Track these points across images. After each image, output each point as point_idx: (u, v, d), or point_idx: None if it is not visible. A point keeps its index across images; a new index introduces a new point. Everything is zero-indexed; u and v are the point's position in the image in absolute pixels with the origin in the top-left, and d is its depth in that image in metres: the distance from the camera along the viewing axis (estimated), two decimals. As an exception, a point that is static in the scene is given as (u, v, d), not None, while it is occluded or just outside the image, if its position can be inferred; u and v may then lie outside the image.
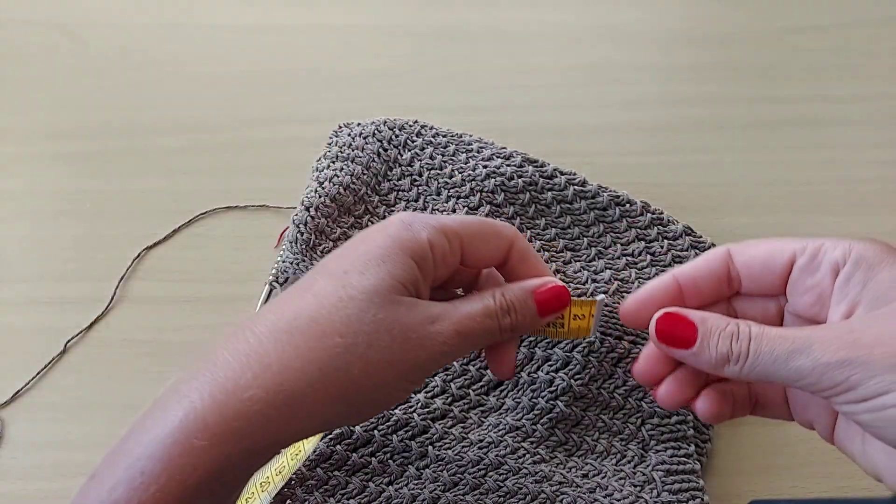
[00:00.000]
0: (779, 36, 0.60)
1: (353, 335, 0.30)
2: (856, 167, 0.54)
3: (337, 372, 0.30)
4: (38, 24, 0.62)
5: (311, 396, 0.30)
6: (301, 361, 0.30)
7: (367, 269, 0.32)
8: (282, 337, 0.30)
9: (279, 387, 0.29)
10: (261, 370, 0.29)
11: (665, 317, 0.31)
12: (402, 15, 0.62)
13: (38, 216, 0.53)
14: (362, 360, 0.30)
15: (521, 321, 0.34)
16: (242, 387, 0.29)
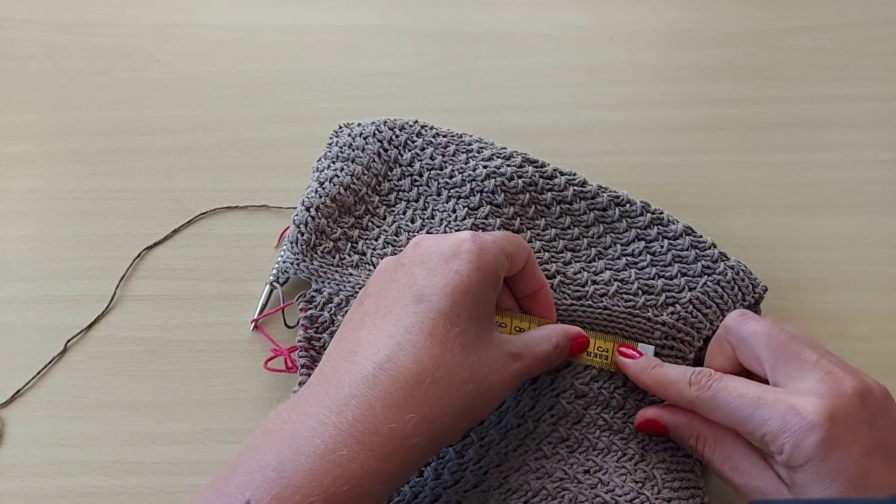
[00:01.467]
0: (779, 36, 0.60)
1: (478, 380, 0.36)
2: (856, 167, 0.54)
3: (470, 408, 0.36)
4: (37, 23, 0.62)
5: (453, 430, 0.36)
6: (449, 407, 0.35)
7: (471, 312, 0.37)
8: (429, 386, 0.34)
9: (431, 433, 0.34)
10: (419, 421, 0.34)
11: (646, 421, 0.43)
12: (403, 15, 0.62)
13: (38, 216, 0.53)
14: (484, 397, 0.36)
15: (559, 360, 0.42)
16: (407, 436, 0.33)
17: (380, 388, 0.34)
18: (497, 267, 0.38)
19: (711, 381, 0.39)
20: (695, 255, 0.47)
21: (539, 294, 0.43)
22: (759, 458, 0.38)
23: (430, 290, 0.37)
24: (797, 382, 0.37)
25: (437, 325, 0.36)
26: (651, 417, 0.42)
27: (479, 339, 0.37)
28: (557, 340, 0.41)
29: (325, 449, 0.32)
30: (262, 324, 0.48)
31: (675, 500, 0.40)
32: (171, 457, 0.44)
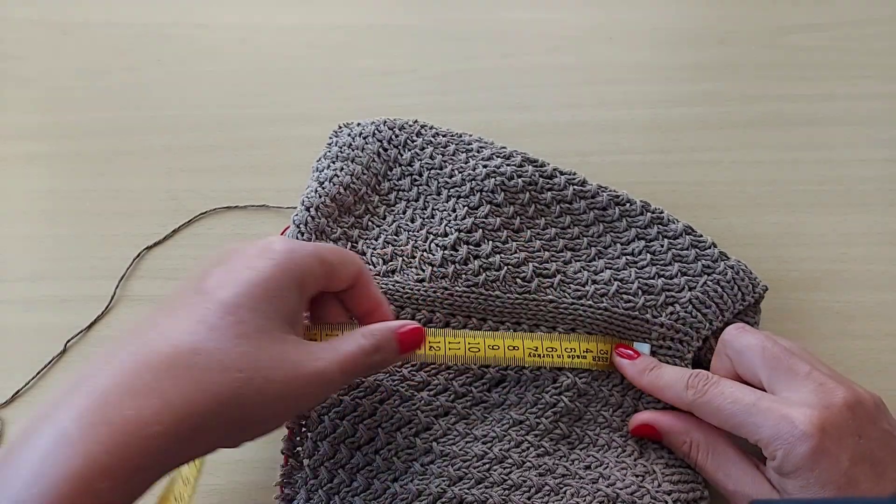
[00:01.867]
0: (778, 35, 0.60)
1: (252, 369, 0.32)
2: (856, 166, 0.54)
3: (236, 403, 0.32)
4: (37, 23, 0.62)
5: (210, 426, 0.31)
6: (203, 395, 0.31)
7: (257, 305, 0.33)
8: (180, 371, 0.30)
9: (181, 421, 0.30)
10: (162, 406, 0.29)
11: (640, 426, 0.43)
12: (402, 15, 0.62)
13: (38, 216, 0.53)
14: (260, 393, 0.32)
15: (387, 358, 0.38)
16: (144, 424, 0.29)
17: (123, 374, 0.30)
18: (303, 269, 0.36)
19: (708, 385, 0.40)
20: (695, 254, 0.47)
21: (376, 314, 0.41)
22: (750, 466, 0.40)
23: (214, 284, 0.34)
24: (791, 392, 0.38)
25: (209, 312, 0.32)
26: (645, 422, 0.43)
27: (263, 332, 0.33)
28: (376, 334, 0.37)
29: (46, 447, 0.28)
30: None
31: (675, 493, 0.40)
32: (171, 457, 0.44)
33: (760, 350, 0.40)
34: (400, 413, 0.43)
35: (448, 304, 0.46)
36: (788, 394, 0.38)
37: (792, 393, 0.38)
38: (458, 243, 0.47)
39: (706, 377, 0.40)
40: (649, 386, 0.43)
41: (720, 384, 0.40)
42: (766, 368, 0.39)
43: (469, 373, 0.45)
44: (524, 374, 0.45)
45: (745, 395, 0.38)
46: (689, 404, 0.40)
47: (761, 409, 0.37)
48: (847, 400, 0.37)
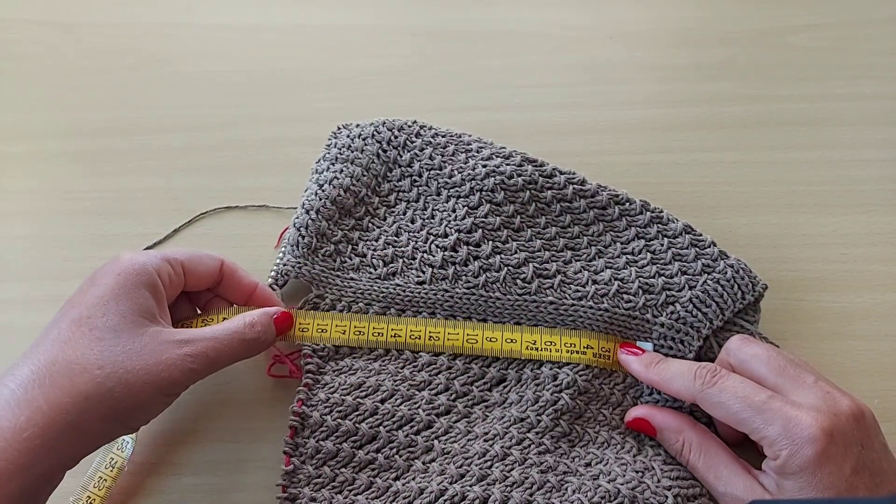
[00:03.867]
0: (778, 35, 0.60)
1: (111, 365, 0.36)
2: (856, 166, 0.54)
3: (102, 397, 0.36)
4: (37, 23, 0.62)
5: (84, 421, 0.36)
6: (68, 396, 0.35)
7: (107, 311, 0.38)
8: (45, 381, 0.36)
9: (53, 421, 0.35)
10: (32, 412, 0.35)
11: (636, 420, 0.44)
12: (402, 15, 0.62)
13: (38, 216, 0.53)
14: (122, 384, 0.36)
15: (265, 339, 0.42)
16: (19, 429, 0.34)
17: (1, 397, 0.35)
18: (146, 269, 0.40)
19: (717, 377, 0.40)
20: (694, 253, 0.47)
21: (255, 296, 0.45)
22: (742, 470, 0.40)
23: (68, 307, 0.39)
24: (798, 397, 0.38)
25: (63, 329, 0.37)
26: (641, 416, 0.43)
27: (118, 330, 0.38)
28: (252, 319, 0.42)
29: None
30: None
31: (674, 488, 0.40)
32: (171, 457, 0.44)
33: (766, 359, 0.40)
34: (401, 412, 0.43)
35: (448, 306, 0.46)
36: (796, 398, 0.38)
37: (799, 398, 0.38)
38: (458, 244, 0.47)
39: (714, 369, 0.41)
40: (656, 377, 0.43)
41: (729, 378, 0.40)
42: (773, 375, 0.40)
43: (470, 372, 0.45)
44: (525, 372, 0.45)
45: (754, 392, 0.39)
46: (697, 395, 0.40)
47: (771, 408, 0.38)
48: (853, 410, 0.38)
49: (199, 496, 0.43)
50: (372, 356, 0.45)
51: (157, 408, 0.39)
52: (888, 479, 0.37)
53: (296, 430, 0.43)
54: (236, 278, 0.45)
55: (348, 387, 0.44)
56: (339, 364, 0.45)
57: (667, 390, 0.42)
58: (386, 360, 0.45)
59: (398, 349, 0.46)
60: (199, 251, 0.44)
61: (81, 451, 0.37)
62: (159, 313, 0.40)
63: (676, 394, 0.42)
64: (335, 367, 0.45)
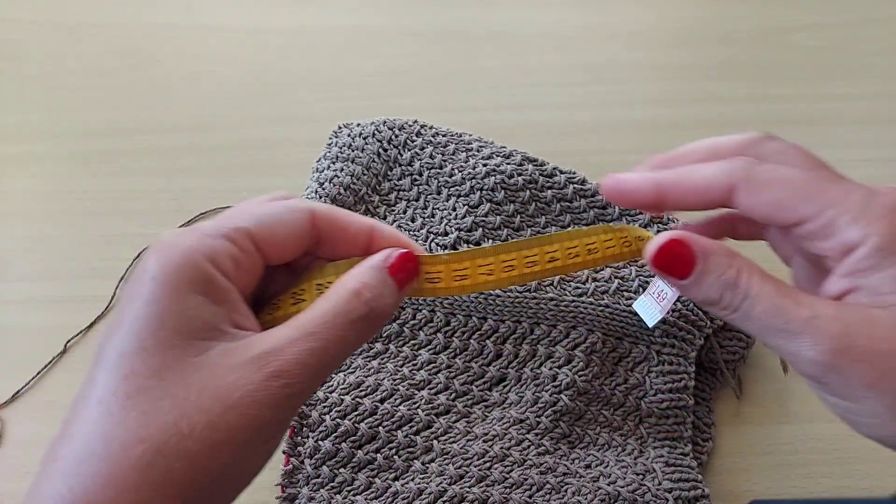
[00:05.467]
0: (779, 34, 0.60)
1: (158, 429, 0.24)
2: (856, 166, 0.54)
3: (158, 479, 0.23)
4: (38, 23, 0.62)
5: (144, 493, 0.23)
6: (108, 488, 0.23)
7: (142, 346, 0.25)
8: (75, 482, 0.23)
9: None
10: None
11: (669, 243, 0.28)
12: (402, 15, 0.62)
13: (38, 216, 0.53)
14: (182, 456, 0.24)
15: (384, 305, 0.28)
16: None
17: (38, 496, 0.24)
18: (191, 261, 0.26)
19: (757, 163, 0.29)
20: (695, 253, 0.47)
21: (374, 243, 0.30)
22: (817, 291, 0.29)
23: (104, 343, 0.26)
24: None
25: (96, 380, 0.25)
26: (676, 238, 0.29)
27: (163, 373, 0.24)
28: (357, 283, 0.28)
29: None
30: (263, 323, 0.48)
31: (675, 491, 0.40)
32: (171, 457, 0.44)
33: (798, 154, 0.29)
34: (401, 412, 0.43)
35: (448, 304, 0.46)
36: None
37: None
38: (459, 243, 0.47)
39: (736, 282, 0.28)
40: (673, 174, 0.31)
41: (762, 291, 0.28)
42: (812, 167, 0.29)
43: (470, 371, 0.45)
44: (525, 372, 0.45)
45: (806, 175, 0.28)
46: (740, 176, 0.28)
47: (832, 188, 0.27)
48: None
49: (199, 496, 0.43)
50: (371, 354, 0.45)
51: (251, 467, 0.26)
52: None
53: (295, 430, 0.42)
54: (339, 227, 0.30)
55: (347, 386, 0.44)
56: (339, 363, 0.45)
57: (693, 182, 0.30)
58: (385, 359, 0.45)
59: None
60: (275, 204, 0.30)
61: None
62: (227, 318, 0.26)
63: (705, 185, 0.29)
64: (335, 366, 0.45)
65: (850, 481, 0.42)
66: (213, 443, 0.24)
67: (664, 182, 0.30)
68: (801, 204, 0.28)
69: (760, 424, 0.45)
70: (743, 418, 0.45)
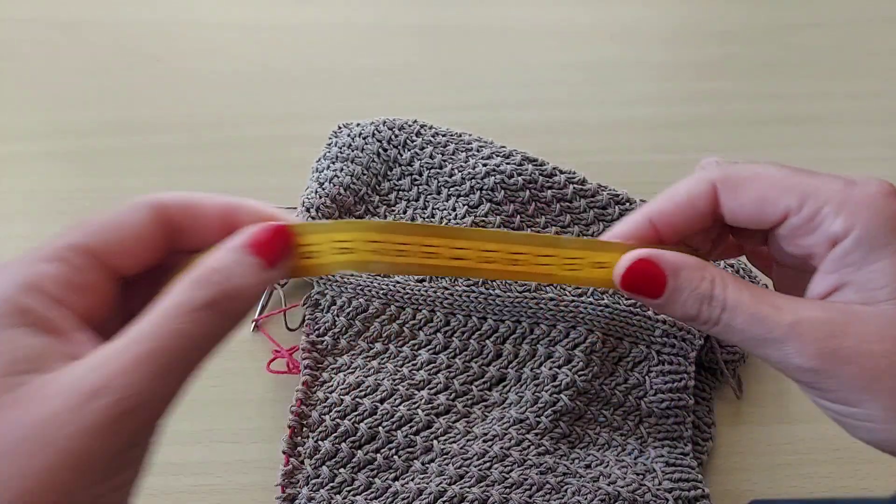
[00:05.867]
0: (779, 33, 0.60)
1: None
2: (856, 165, 0.54)
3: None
4: (37, 22, 0.62)
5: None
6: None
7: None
8: None
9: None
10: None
11: (636, 264, 0.28)
12: (402, 14, 0.62)
13: (37, 215, 0.53)
14: None
15: (239, 285, 0.24)
16: None
17: None
18: (6, 293, 0.23)
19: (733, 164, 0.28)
20: (695, 253, 0.47)
21: (237, 221, 0.27)
22: (798, 294, 0.28)
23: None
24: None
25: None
26: (643, 257, 0.28)
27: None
28: (202, 272, 0.24)
29: None
30: (263, 324, 0.48)
31: (675, 491, 0.40)
32: (171, 457, 0.44)
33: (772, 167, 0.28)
34: (401, 412, 0.43)
35: (448, 304, 0.46)
36: None
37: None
38: (459, 242, 0.47)
39: (711, 295, 0.27)
40: None
41: (739, 300, 0.27)
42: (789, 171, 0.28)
43: (470, 371, 0.45)
44: (525, 372, 0.45)
45: (782, 172, 0.27)
46: (717, 177, 0.28)
47: (809, 181, 0.27)
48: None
49: (199, 496, 0.43)
50: (371, 353, 0.45)
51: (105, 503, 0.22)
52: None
53: (294, 430, 0.42)
54: (193, 214, 0.27)
55: (347, 386, 0.44)
56: (338, 361, 0.45)
57: (676, 200, 0.30)
58: (385, 359, 0.45)
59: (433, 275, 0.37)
60: (114, 209, 0.26)
61: None
62: (54, 348, 0.22)
63: (688, 197, 0.29)
64: (333, 364, 0.45)
65: (850, 481, 0.42)
66: (31, 494, 0.20)
67: (652, 212, 0.30)
68: (784, 196, 0.27)
69: (760, 424, 0.45)
70: (743, 418, 0.45)
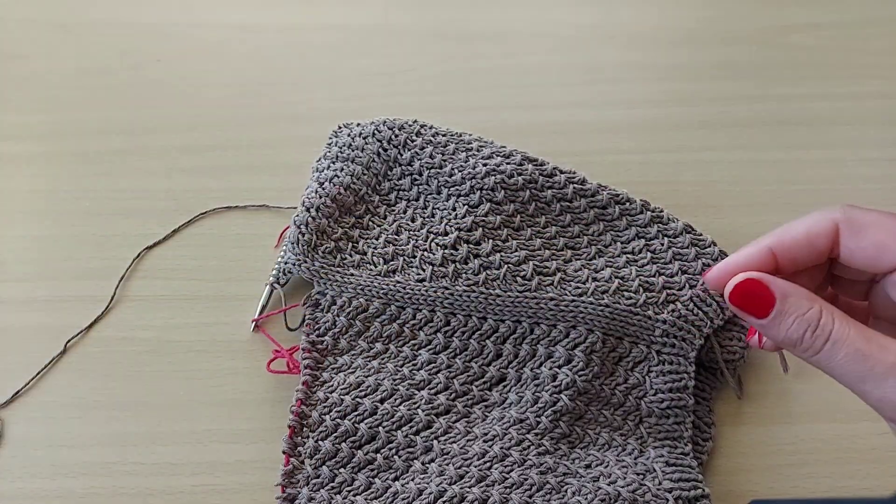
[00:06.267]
0: (779, 34, 0.60)
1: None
2: (857, 166, 0.54)
3: None
4: (37, 23, 0.62)
5: None
6: None
7: None
8: None
9: None
10: None
11: (746, 282, 0.29)
12: (402, 15, 0.62)
13: (38, 216, 0.53)
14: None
15: None
16: None
17: None
18: None
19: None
20: (695, 252, 0.47)
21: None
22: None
23: None
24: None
25: None
26: (754, 278, 0.29)
27: None
28: None
29: None
30: (263, 324, 0.48)
31: (675, 491, 0.40)
32: (171, 457, 0.44)
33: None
34: (401, 412, 0.43)
35: (448, 304, 0.46)
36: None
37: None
38: (459, 242, 0.47)
39: (818, 324, 0.28)
40: None
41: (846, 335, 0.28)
42: None
43: (470, 371, 0.45)
44: (525, 372, 0.45)
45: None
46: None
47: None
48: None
49: (199, 496, 0.43)
50: (371, 353, 0.45)
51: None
52: None
53: (294, 430, 0.42)
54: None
55: (347, 386, 0.44)
56: (338, 361, 0.45)
57: (797, 235, 0.30)
58: (385, 359, 0.45)
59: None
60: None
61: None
62: None
63: (807, 234, 0.30)
64: (334, 364, 0.45)
65: (850, 481, 0.42)
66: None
67: (772, 243, 0.30)
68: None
69: (760, 424, 0.45)
70: (743, 418, 0.45)
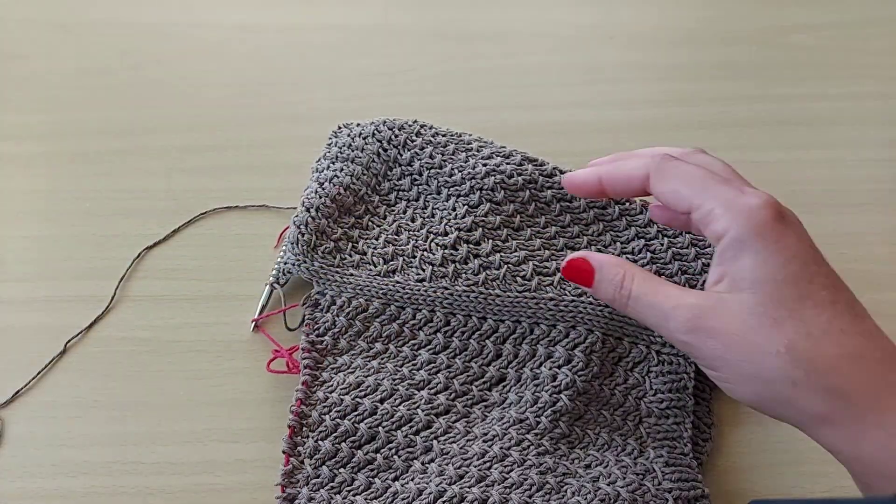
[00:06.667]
0: (779, 34, 0.60)
1: None
2: (857, 166, 0.54)
3: None
4: (37, 23, 0.62)
5: None
6: None
7: None
8: None
9: None
10: None
11: (573, 260, 0.39)
12: (402, 15, 0.62)
13: (38, 216, 0.53)
14: None
15: None
16: None
17: None
18: None
19: (677, 160, 0.37)
20: (694, 252, 0.47)
21: None
22: (691, 289, 0.37)
23: None
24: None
25: None
26: (579, 257, 0.39)
27: None
28: None
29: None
30: (263, 324, 0.48)
31: (675, 491, 0.40)
32: (171, 457, 0.44)
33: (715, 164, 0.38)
34: (400, 412, 0.43)
35: (448, 304, 0.46)
36: None
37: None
38: (458, 242, 0.47)
39: (622, 285, 0.38)
40: (606, 169, 0.40)
41: (641, 292, 0.37)
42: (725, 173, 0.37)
43: (469, 371, 0.45)
44: (524, 372, 0.45)
45: (708, 175, 0.36)
46: (653, 168, 0.37)
47: (718, 187, 0.35)
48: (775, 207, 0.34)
49: (199, 496, 0.43)
50: (370, 353, 0.45)
51: None
52: (841, 289, 0.35)
53: (294, 430, 0.43)
54: None
55: (347, 386, 0.44)
56: (338, 361, 0.45)
57: (622, 173, 0.39)
58: (384, 359, 0.45)
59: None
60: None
61: None
62: None
63: (628, 176, 0.38)
64: (333, 364, 0.45)
65: (850, 481, 0.42)
66: None
67: (603, 174, 0.39)
68: (691, 194, 0.35)
69: (760, 424, 0.45)
70: (743, 418, 0.45)
